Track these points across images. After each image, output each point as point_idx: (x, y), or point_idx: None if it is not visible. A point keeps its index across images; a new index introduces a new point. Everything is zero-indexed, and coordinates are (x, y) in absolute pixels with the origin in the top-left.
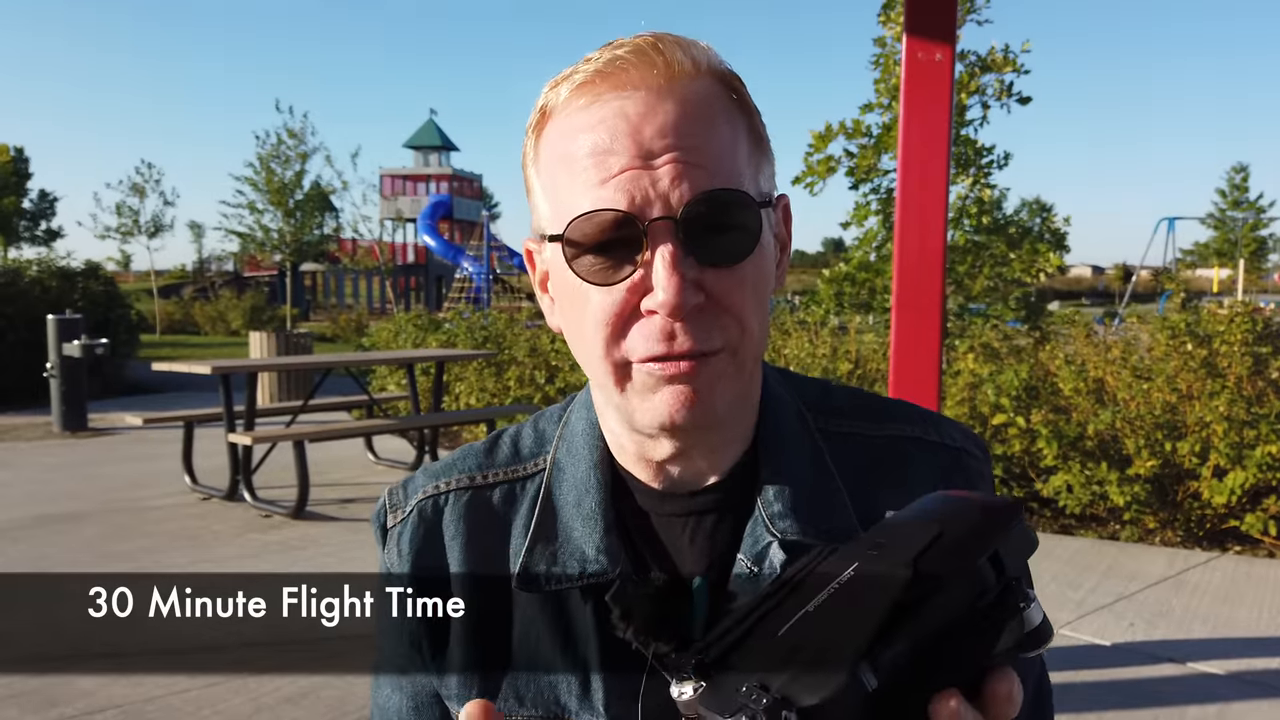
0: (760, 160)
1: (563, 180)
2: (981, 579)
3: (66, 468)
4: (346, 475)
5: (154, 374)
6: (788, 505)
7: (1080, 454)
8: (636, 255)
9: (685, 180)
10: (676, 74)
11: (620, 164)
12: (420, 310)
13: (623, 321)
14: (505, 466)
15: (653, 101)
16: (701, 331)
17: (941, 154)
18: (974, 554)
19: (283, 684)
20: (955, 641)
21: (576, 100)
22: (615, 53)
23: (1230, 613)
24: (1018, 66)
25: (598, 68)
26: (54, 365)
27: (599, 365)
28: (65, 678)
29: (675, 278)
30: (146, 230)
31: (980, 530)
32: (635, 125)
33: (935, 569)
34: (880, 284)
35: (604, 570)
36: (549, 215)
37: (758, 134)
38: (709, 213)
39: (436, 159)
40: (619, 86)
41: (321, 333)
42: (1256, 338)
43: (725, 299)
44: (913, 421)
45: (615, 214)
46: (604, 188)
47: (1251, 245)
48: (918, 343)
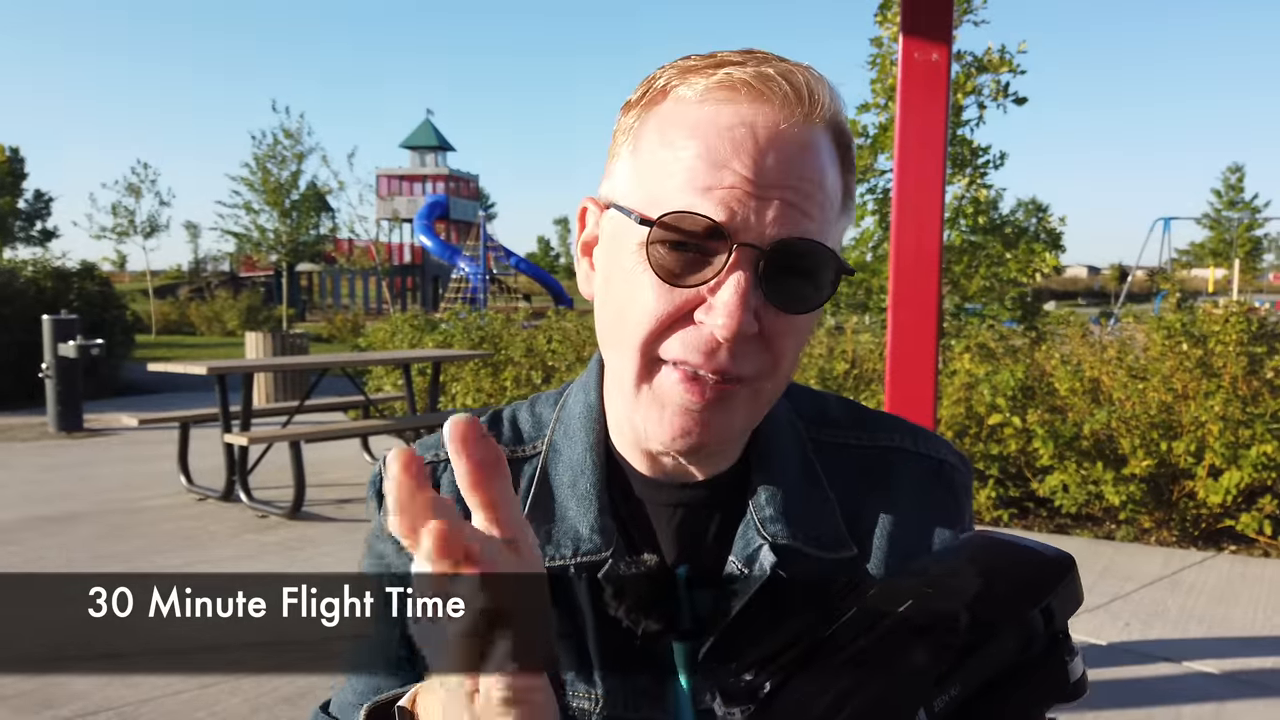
0: (844, 219)
1: (665, 167)
2: (1033, 628)
3: (62, 468)
4: (343, 476)
5: (149, 374)
6: (779, 510)
7: (1076, 454)
8: (711, 268)
9: (785, 219)
10: (814, 114)
11: (732, 179)
12: (416, 310)
13: (670, 321)
14: (506, 446)
15: (785, 133)
16: (741, 359)
17: (938, 154)
18: (1027, 603)
19: (280, 684)
20: (1004, 691)
21: (711, 98)
22: (766, 69)
23: (1226, 612)
24: (1014, 67)
25: (745, 77)
26: (49, 366)
27: (629, 354)
28: (60, 679)
29: (741, 305)
30: (142, 230)
31: (1034, 581)
32: (761, 148)
33: (990, 616)
34: (877, 284)
35: (597, 549)
36: (629, 190)
37: (850, 192)
38: (793, 257)
39: (433, 159)
40: (759, 103)
41: (318, 333)
42: (1252, 338)
43: (775, 339)
44: (900, 433)
45: (712, 223)
46: (708, 194)
47: (1247, 245)
48: (914, 342)
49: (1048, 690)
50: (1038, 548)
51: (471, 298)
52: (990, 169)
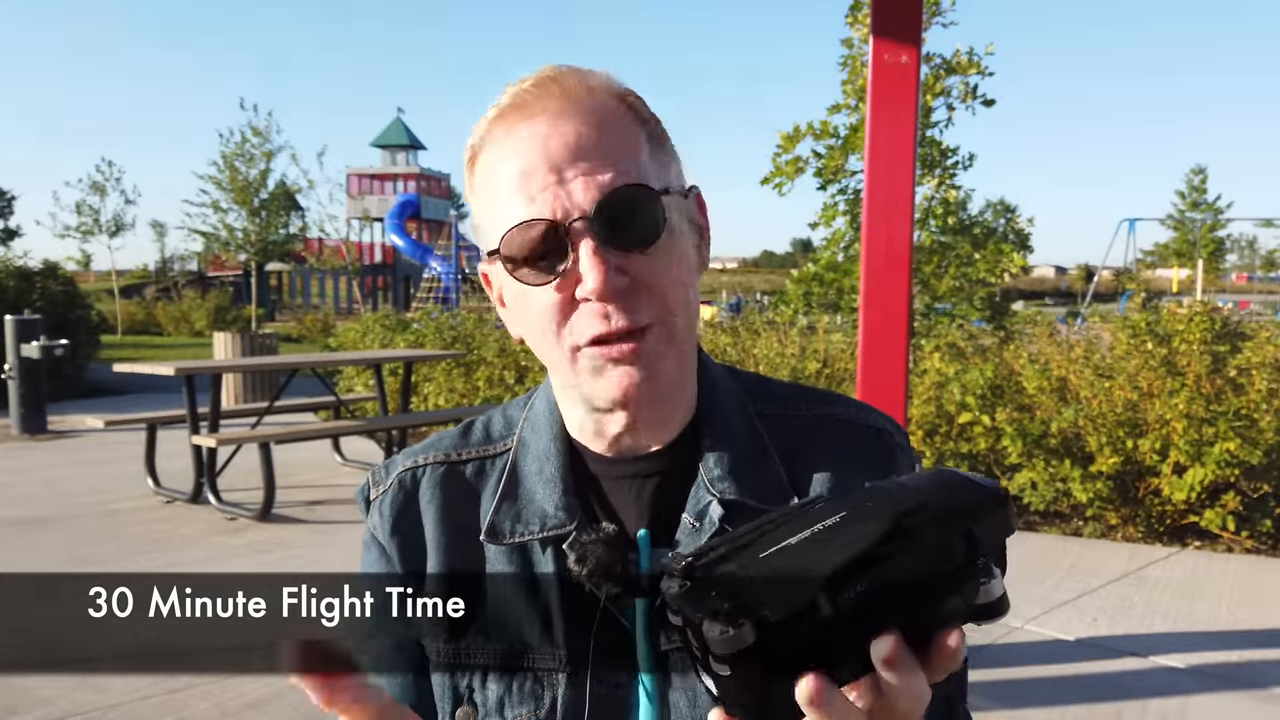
0: (663, 159)
1: (496, 204)
2: (950, 548)
3: (26, 471)
4: (313, 477)
5: (115, 375)
6: (726, 469)
7: (1044, 452)
8: (565, 256)
9: (593, 184)
10: (574, 98)
11: (539, 182)
12: (388, 310)
13: (564, 313)
14: (478, 446)
15: (556, 124)
16: (631, 309)
17: (908, 155)
18: (950, 524)
19: (247, 689)
20: (913, 595)
21: (494, 133)
22: (520, 87)
23: (1190, 607)
24: (982, 69)
25: (508, 102)
26: (12, 367)
27: (554, 354)
28: (26, 684)
29: (599, 264)
30: (107, 229)
31: (961, 505)
32: (544, 146)
33: (910, 527)
34: (848, 284)
35: (562, 524)
36: (489, 236)
37: (657, 138)
38: (616, 205)
39: (404, 158)
40: (527, 115)
41: (287, 333)
42: (1215, 337)
43: (648, 279)
44: (841, 404)
45: (541, 223)
46: (530, 204)
47: (1210, 246)
48: (885, 342)
49: (954, 599)
50: (977, 480)
51: (444, 297)
52: (959, 170)
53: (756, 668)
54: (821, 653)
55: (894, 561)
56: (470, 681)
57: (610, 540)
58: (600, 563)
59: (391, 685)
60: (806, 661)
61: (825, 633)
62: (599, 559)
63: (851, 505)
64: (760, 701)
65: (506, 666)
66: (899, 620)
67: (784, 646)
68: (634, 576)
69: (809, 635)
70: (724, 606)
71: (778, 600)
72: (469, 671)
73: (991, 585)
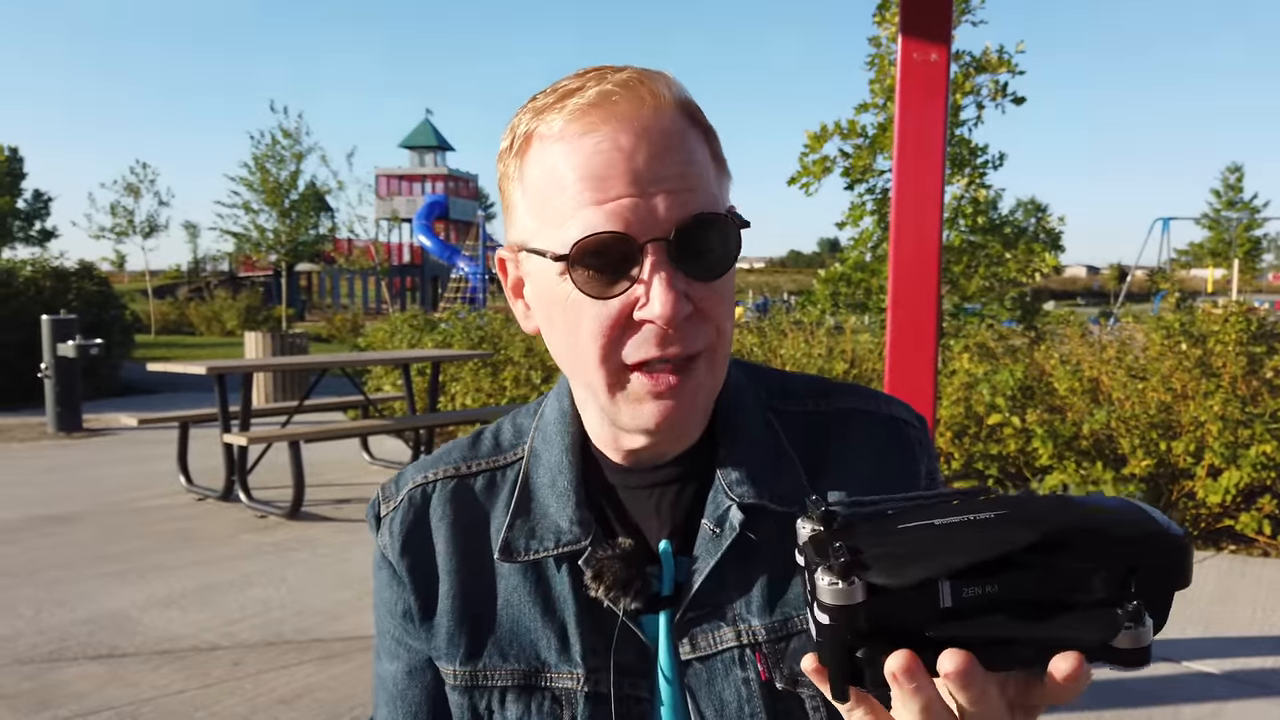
0: (724, 180)
1: (555, 201)
2: (1102, 579)
3: (61, 469)
4: (342, 476)
5: (149, 374)
6: (744, 474)
7: (1075, 454)
8: (631, 272)
9: (675, 205)
10: (660, 107)
11: (617, 190)
12: (416, 310)
13: (618, 330)
14: (487, 457)
15: (642, 133)
16: (689, 338)
17: (936, 154)
18: (1110, 556)
19: (277, 685)
20: (1043, 614)
21: (568, 127)
22: (604, 86)
23: (1225, 612)
24: (1012, 67)
25: (590, 100)
26: (48, 366)
27: (594, 371)
28: (59, 679)
29: (672, 293)
30: (141, 230)
31: (1129, 539)
32: (629, 155)
33: (1062, 544)
34: (876, 284)
35: (577, 539)
36: (535, 230)
37: (719, 156)
38: (696, 234)
39: (432, 159)
40: (611, 118)
41: (317, 333)
42: (1251, 337)
43: (709, 309)
44: (860, 396)
45: (616, 235)
46: (600, 210)
47: (1246, 245)
48: (913, 342)
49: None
50: (1160, 521)
51: (471, 297)
52: (989, 169)
53: (850, 630)
54: (927, 640)
55: (1033, 574)
56: (489, 702)
57: (626, 555)
58: (617, 578)
59: (407, 715)
60: (909, 643)
61: (938, 623)
62: (616, 575)
63: (1014, 506)
64: (850, 661)
65: (525, 686)
66: (1019, 633)
67: (892, 620)
68: (655, 590)
69: (921, 619)
70: (841, 560)
71: (895, 572)
72: (487, 693)
73: (1139, 632)
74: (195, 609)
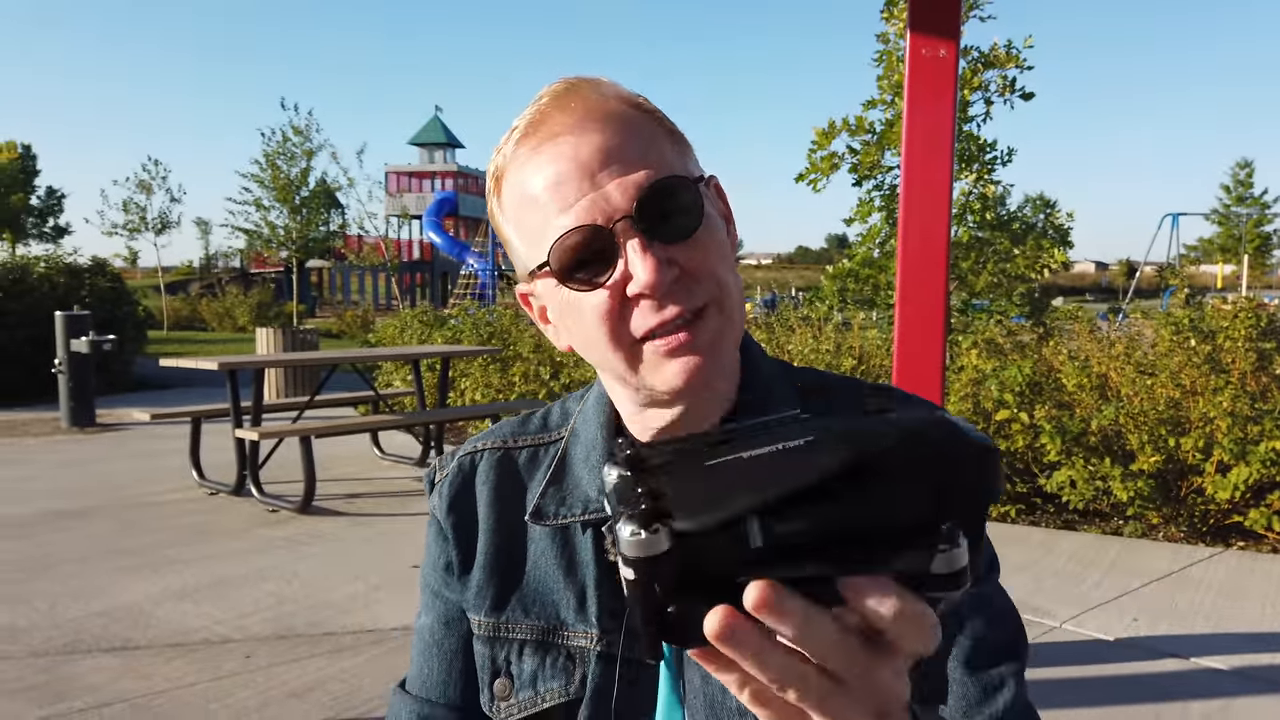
0: (682, 150)
1: (531, 221)
2: (916, 501)
3: (74, 464)
4: (352, 471)
5: (161, 370)
6: None
7: (1084, 450)
8: (613, 258)
9: (629, 184)
10: (591, 107)
11: (575, 191)
12: (426, 306)
13: (618, 313)
14: (534, 434)
15: (581, 133)
16: (685, 296)
17: (945, 150)
18: (921, 475)
19: (289, 678)
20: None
21: (520, 152)
22: (538, 105)
23: (1234, 608)
24: (1021, 62)
25: (529, 120)
26: (62, 361)
27: (611, 356)
28: (73, 672)
29: (650, 259)
30: (153, 227)
31: (938, 456)
32: (574, 154)
33: (872, 468)
34: (884, 280)
35: (603, 508)
36: (528, 254)
37: (672, 132)
38: (656, 200)
39: (442, 156)
40: (550, 131)
41: (327, 329)
42: (1261, 333)
43: (696, 267)
44: (887, 394)
45: (585, 228)
46: (568, 214)
47: (1256, 241)
48: (921, 338)
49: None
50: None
51: (480, 294)
52: (998, 165)
53: (658, 583)
54: (741, 587)
55: (846, 502)
56: (508, 654)
57: None
58: None
59: (440, 664)
60: (726, 592)
61: (753, 566)
62: None
63: (823, 431)
64: (663, 619)
65: (542, 642)
66: (836, 568)
67: (702, 569)
68: None
69: (733, 564)
70: (642, 507)
71: (697, 513)
72: (507, 644)
73: (952, 554)
74: (208, 602)
